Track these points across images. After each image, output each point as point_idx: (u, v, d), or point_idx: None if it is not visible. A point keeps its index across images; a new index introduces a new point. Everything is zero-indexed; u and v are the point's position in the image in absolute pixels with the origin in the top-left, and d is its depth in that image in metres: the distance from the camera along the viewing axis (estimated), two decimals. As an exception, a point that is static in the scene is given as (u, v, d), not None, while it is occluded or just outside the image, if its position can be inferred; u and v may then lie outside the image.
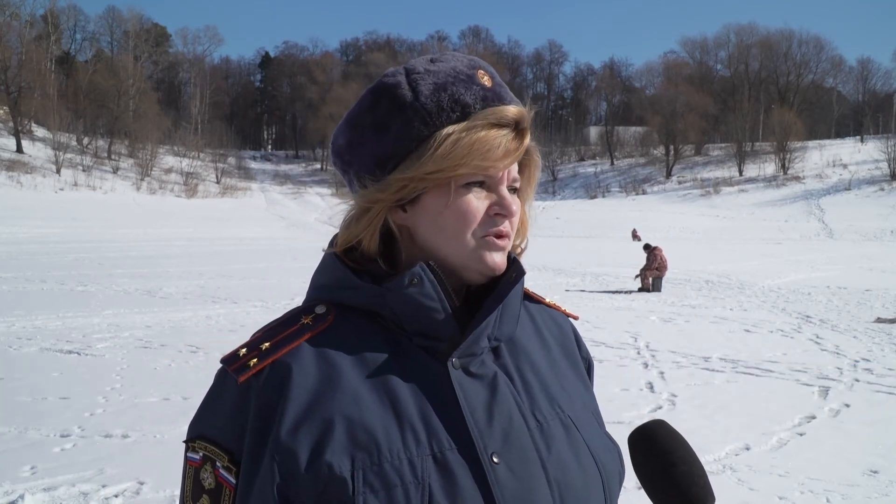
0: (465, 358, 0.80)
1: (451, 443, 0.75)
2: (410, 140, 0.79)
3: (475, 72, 0.83)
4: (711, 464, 4.26)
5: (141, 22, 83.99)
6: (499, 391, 0.80)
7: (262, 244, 31.82)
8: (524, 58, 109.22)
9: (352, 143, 0.84)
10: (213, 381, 0.81)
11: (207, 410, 0.80)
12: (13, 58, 62.63)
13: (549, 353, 0.91)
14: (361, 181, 0.83)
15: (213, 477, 0.77)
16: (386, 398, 0.76)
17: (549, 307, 0.99)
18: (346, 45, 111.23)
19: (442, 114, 0.79)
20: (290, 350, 0.77)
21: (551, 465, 0.79)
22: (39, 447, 4.51)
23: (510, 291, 0.83)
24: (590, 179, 71.04)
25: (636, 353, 7.67)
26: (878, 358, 7.41)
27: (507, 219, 0.82)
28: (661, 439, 0.80)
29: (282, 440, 0.73)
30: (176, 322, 9.55)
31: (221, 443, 0.77)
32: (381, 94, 0.82)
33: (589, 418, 0.88)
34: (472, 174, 0.79)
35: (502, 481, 0.75)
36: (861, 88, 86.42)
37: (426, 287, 0.79)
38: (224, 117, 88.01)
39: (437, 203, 0.80)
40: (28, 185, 52.31)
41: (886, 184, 52.58)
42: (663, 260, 14.19)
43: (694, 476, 0.77)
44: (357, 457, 0.72)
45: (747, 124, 67.18)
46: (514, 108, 0.81)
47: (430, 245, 0.82)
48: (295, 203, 65.30)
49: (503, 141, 0.79)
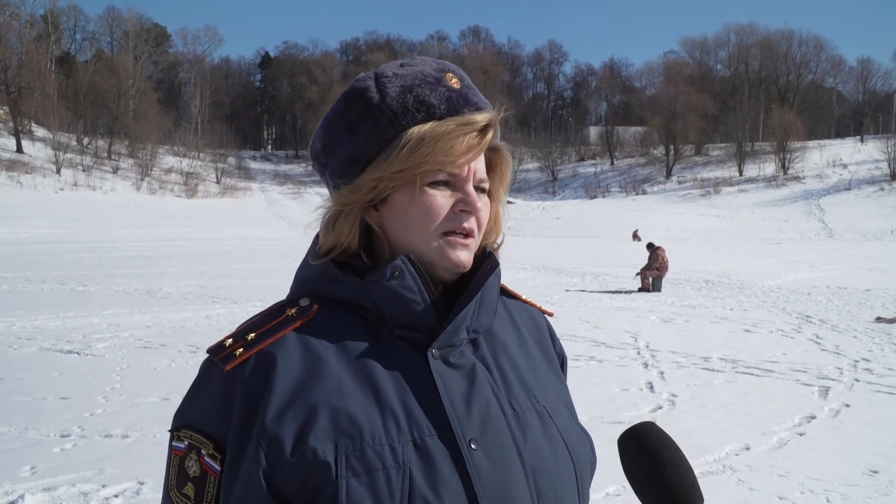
0: (444, 349, 0.83)
1: (431, 429, 0.78)
2: (378, 140, 0.83)
3: (443, 75, 0.86)
4: (711, 464, 4.26)
5: (141, 22, 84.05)
6: (477, 381, 0.83)
7: (262, 244, 31.80)
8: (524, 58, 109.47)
9: (326, 145, 0.88)
10: (199, 371, 0.84)
11: (193, 399, 0.82)
12: (13, 58, 62.64)
13: (525, 347, 0.95)
14: (336, 183, 0.87)
15: (198, 465, 0.78)
16: (368, 386, 0.79)
17: (526, 303, 1.02)
18: (346, 45, 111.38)
19: (408, 114, 0.83)
20: (275, 340, 0.80)
21: (527, 453, 0.82)
22: (39, 447, 4.51)
23: (484, 284, 0.86)
24: (590, 179, 71.02)
25: (636, 353, 7.67)
26: (878, 358, 7.41)
27: (472, 216, 0.85)
28: (649, 440, 0.80)
29: (267, 426, 0.75)
30: (176, 322, 9.55)
31: (206, 431, 0.79)
32: (351, 97, 0.86)
33: (562, 409, 0.92)
34: (436, 171, 0.83)
35: (480, 466, 0.78)
36: (861, 88, 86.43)
37: (407, 280, 0.82)
38: (224, 117, 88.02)
39: (404, 200, 0.83)
40: (28, 185, 52.31)
41: (886, 184, 52.58)
42: (664, 260, 14.19)
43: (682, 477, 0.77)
44: (340, 442, 0.75)
45: (747, 124, 67.19)
46: (483, 115, 0.84)
47: (401, 242, 0.85)
48: (295, 203, 65.30)
49: (465, 139, 0.83)
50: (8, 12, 66.87)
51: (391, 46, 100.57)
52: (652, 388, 6.14)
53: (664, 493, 0.76)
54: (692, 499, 0.76)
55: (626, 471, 0.81)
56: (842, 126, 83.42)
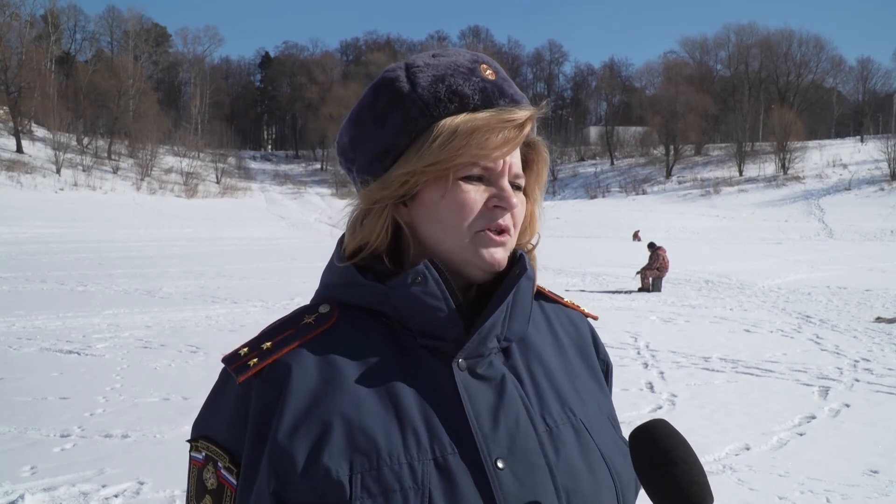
0: (471, 359, 0.78)
1: (454, 447, 0.73)
2: (409, 132, 0.78)
3: (477, 66, 0.82)
4: (711, 464, 4.26)
5: (141, 22, 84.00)
6: (506, 394, 0.78)
7: (262, 244, 31.80)
8: (524, 58, 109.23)
9: (354, 139, 0.83)
10: (217, 380, 0.81)
11: (209, 410, 0.80)
12: (13, 58, 62.60)
13: (564, 354, 0.89)
14: (364, 179, 0.82)
15: (215, 477, 0.76)
16: (388, 400, 0.75)
17: (567, 307, 0.96)
18: (346, 45, 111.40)
19: (440, 104, 0.78)
20: (290, 350, 0.76)
21: (560, 472, 0.76)
22: (39, 447, 4.51)
23: (513, 288, 0.80)
24: (590, 179, 71.03)
25: (636, 353, 7.67)
26: (878, 358, 7.41)
27: (507, 212, 0.80)
28: (661, 438, 0.80)
29: (279, 442, 0.71)
30: (176, 322, 9.55)
31: (222, 443, 0.76)
32: (380, 88, 0.82)
33: (603, 422, 0.86)
34: (470, 164, 0.78)
35: (506, 487, 0.72)
36: (861, 88, 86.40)
37: (430, 285, 0.77)
38: (224, 117, 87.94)
39: (435, 195, 0.79)
40: (28, 185, 52.30)
41: (886, 184, 52.58)
42: (665, 261, 14.19)
43: (693, 475, 0.76)
44: (356, 460, 0.70)
45: (747, 124, 67.18)
46: (522, 110, 0.80)
47: (432, 241, 0.80)
48: (295, 203, 65.27)
49: (502, 131, 0.78)
50: (8, 12, 66.86)
51: (391, 46, 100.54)
52: (652, 388, 6.14)
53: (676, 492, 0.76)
54: (703, 497, 0.75)
55: (636, 467, 0.81)
56: (842, 126, 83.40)
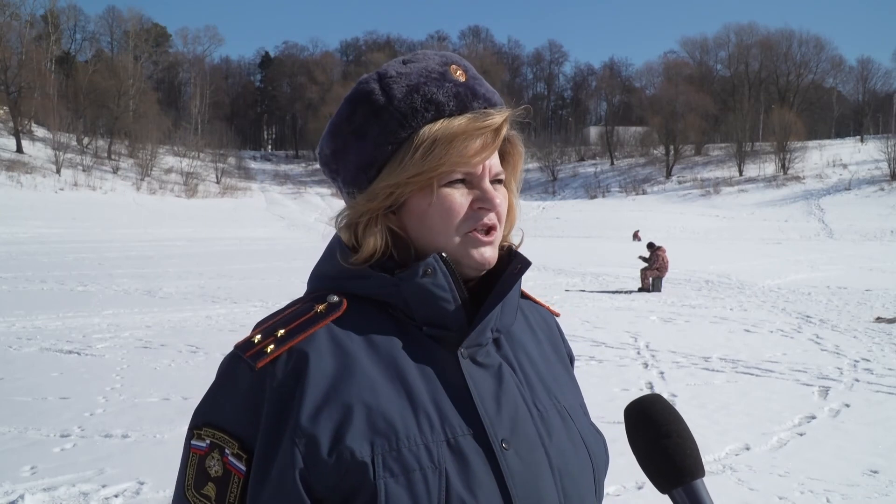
0: (472, 348, 0.83)
1: (465, 429, 0.78)
2: (389, 144, 0.81)
3: (447, 68, 0.84)
4: (711, 464, 4.26)
5: (141, 22, 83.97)
6: (504, 380, 0.83)
7: (262, 244, 31.81)
8: (524, 58, 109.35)
9: (336, 152, 0.86)
10: (222, 368, 0.81)
11: (216, 397, 0.80)
12: (13, 58, 62.61)
13: (541, 347, 0.95)
14: (350, 191, 0.86)
15: (220, 464, 0.76)
16: (400, 385, 0.78)
17: (537, 304, 1.02)
18: (346, 45, 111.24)
19: (416, 115, 0.81)
20: (305, 337, 0.78)
21: (553, 453, 0.82)
22: (39, 447, 4.51)
23: (516, 283, 0.85)
24: (590, 179, 71.00)
25: (636, 353, 7.67)
26: (878, 358, 7.41)
27: (491, 211, 0.84)
28: (656, 412, 0.82)
29: (302, 425, 0.74)
30: (176, 322, 9.55)
31: (231, 430, 0.77)
32: (356, 101, 0.84)
33: (578, 409, 0.92)
34: (452, 171, 0.81)
35: (512, 467, 0.78)
36: (861, 88, 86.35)
37: (439, 278, 0.81)
38: (224, 117, 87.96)
39: (422, 203, 0.82)
40: (28, 185, 52.29)
41: (886, 184, 52.59)
42: (665, 261, 14.19)
43: (686, 448, 0.78)
44: (376, 442, 0.74)
45: (747, 124, 67.17)
46: (497, 114, 0.83)
47: (422, 244, 0.84)
48: (295, 203, 65.25)
49: (479, 136, 0.81)
50: (8, 12, 66.89)
51: (391, 46, 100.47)
52: (652, 388, 6.14)
53: (668, 463, 0.77)
54: (694, 469, 0.77)
55: (630, 441, 0.82)
56: (842, 126, 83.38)
